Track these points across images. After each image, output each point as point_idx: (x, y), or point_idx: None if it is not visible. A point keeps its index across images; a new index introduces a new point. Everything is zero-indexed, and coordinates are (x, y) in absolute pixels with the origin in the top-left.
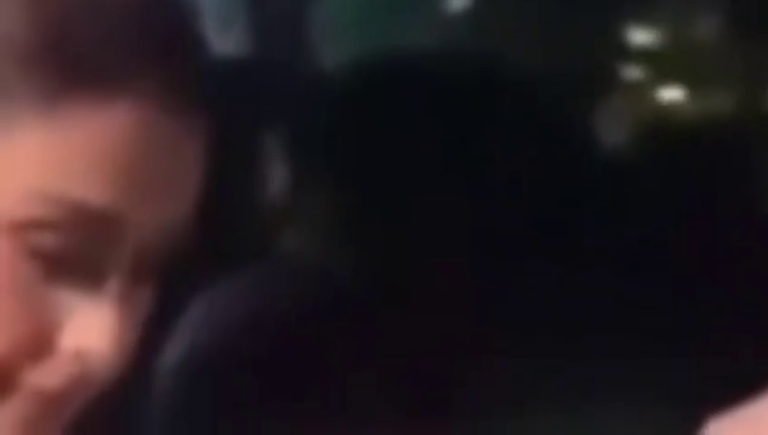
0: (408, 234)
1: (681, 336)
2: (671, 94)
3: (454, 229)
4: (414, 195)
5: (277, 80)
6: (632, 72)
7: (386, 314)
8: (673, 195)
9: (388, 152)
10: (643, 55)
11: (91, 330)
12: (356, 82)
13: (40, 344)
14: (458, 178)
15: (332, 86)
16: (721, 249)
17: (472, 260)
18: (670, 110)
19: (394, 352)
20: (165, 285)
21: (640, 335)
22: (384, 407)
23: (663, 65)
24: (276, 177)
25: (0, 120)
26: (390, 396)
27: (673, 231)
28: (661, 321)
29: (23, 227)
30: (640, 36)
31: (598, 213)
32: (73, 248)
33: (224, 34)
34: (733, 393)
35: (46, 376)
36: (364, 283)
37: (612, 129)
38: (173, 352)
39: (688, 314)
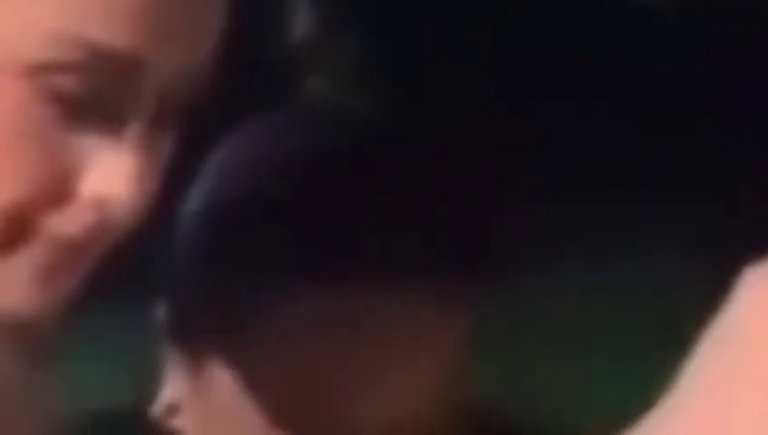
0: (438, 75)
1: (718, 184)
2: None
3: (482, 71)
4: (442, 36)
5: None
6: None
7: (416, 157)
8: (705, 33)
9: None
10: None
11: (111, 176)
12: None
13: (59, 191)
14: (485, 17)
15: None
16: (760, 91)
17: (502, 101)
18: None
19: (424, 196)
20: (187, 130)
21: (677, 184)
22: (417, 255)
23: None
24: (303, 19)
25: None
26: (424, 243)
27: (708, 69)
28: (698, 169)
29: (42, 70)
30: None
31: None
32: (93, 92)
33: None
34: None
35: (66, 223)
36: (394, 125)
37: None
38: (196, 198)
39: (726, 161)
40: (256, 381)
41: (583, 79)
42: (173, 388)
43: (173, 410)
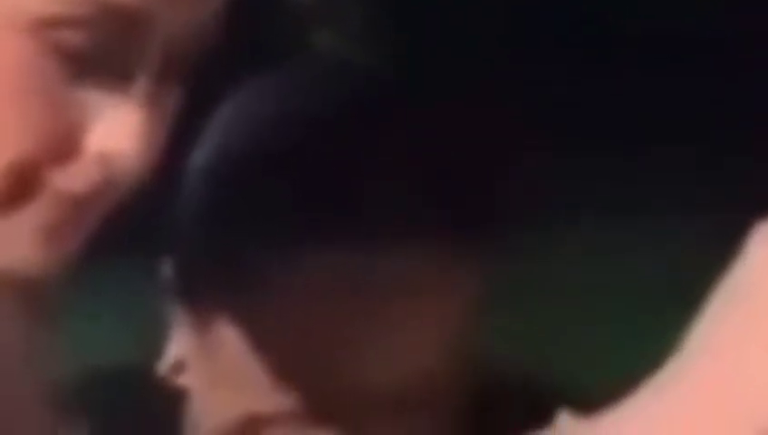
0: (442, 30)
1: (728, 142)
2: None
3: (487, 25)
4: None
5: None
6: None
7: (420, 113)
8: None
9: None
10: None
11: (117, 132)
12: None
13: (64, 147)
14: None
15: None
16: None
17: (507, 57)
18: None
19: (429, 153)
20: (194, 85)
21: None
22: (423, 212)
23: None
24: None
25: None
26: (429, 200)
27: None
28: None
29: (47, 25)
30: None
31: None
32: (99, 47)
33: None
34: None
35: (71, 179)
36: (399, 81)
37: None
38: (201, 155)
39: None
40: (262, 340)
41: (591, 35)
42: (179, 346)
43: (179, 367)
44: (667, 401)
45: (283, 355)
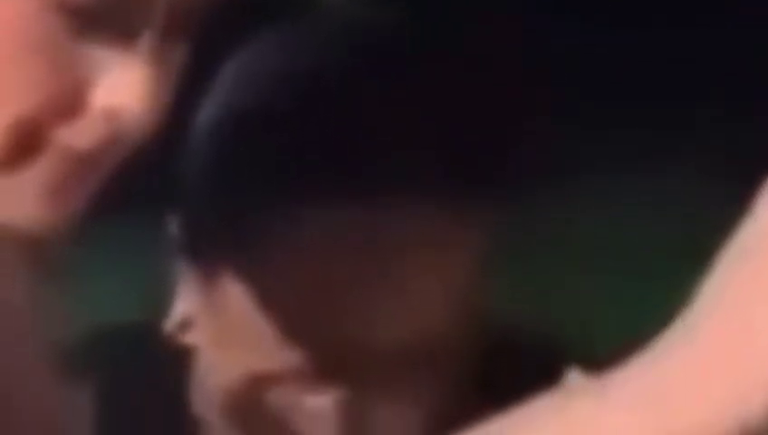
0: None
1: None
2: None
3: None
4: None
5: None
6: None
7: (430, 70)
8: None
9: None
10: None
11: (122, 88)
12: None
13: (70, 103)
14: None
15: None
16: None
17: (518, 13)
18: None
19: (438, 109)
20: (200, 42)
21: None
22: (431, 168)
23: None
24: None
25: None
26: (438, 156)
27: None
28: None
29: None
30: None
31: None
32: (103, 2)
33: None
34: None
35: (77, 135)
36: (411, 36)
37: None
38: (208, 112)
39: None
40: (268, 297)
41: None
42: (185, 303)
43: (185, 325)
44: (677, 358)
45: (289, 313)
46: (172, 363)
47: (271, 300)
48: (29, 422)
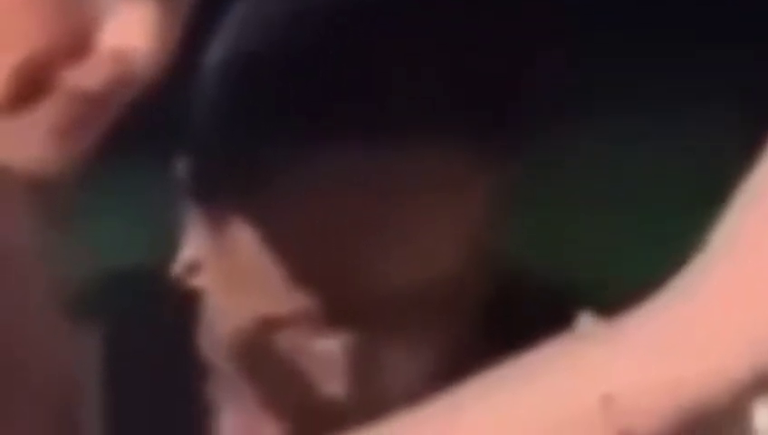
0: None
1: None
2: None
3: None
4: None
5: None
6: None
7: (444, 7)
8: None
9: None
10: None
11: (131, 28)
12: None
13: (77, 44)
14: None
15: None
16: None
17: None
18: None
19: (452, 48)
20: None
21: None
22: (443, 109)
23: None
24: None
25: None
26: (451, 97)
27: None
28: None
29: None
30: None
31: None
32: None
33: None
34: None
35: (84, 76)
36: None
37: None
38: (217, 51)
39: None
40: (280, 241)
41: None
42: (194, 246)
43: (194, 269)
44: (690, 302)
45: (299, 256)
46: (179, 307)
47: (280, 243)
48: (35, 367)
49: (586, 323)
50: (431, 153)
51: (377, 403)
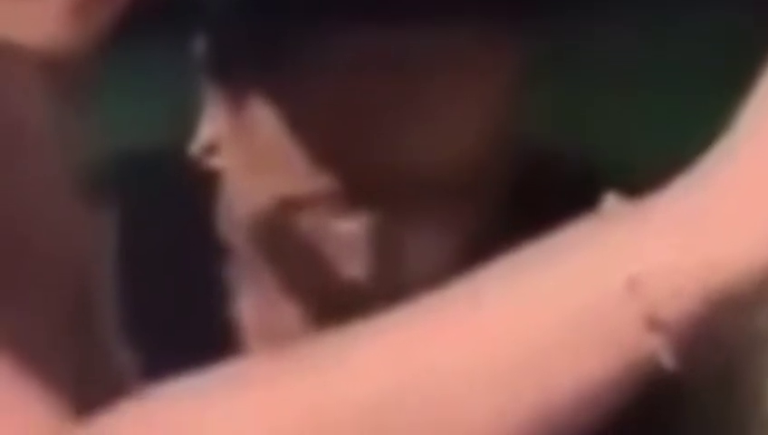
0: None
1: None
2: None
3: None
4: None
5: None
6: None
7: None
8: None
9: None
10: None
11: None
12: None
13: None
14: None
15: None
16: None
17: None
18: None
19: None
20: None
21: None
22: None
23: None
24: None
25: None
26: None
27: None
28: None
29: None
30: None
31: None
32: None
33: None
34: None
35: None
36: None
37: None
38: None
39: None
40: (300, 120)
41: None
42: (213, 126)
43: (212, 149)
44: (718, 182)
45: (320, 135)
46: (198, 188)
47: (301, 122)
48: (49, 248)
49: (612, 205)
50: (451, 35)
51: (398, 287)
